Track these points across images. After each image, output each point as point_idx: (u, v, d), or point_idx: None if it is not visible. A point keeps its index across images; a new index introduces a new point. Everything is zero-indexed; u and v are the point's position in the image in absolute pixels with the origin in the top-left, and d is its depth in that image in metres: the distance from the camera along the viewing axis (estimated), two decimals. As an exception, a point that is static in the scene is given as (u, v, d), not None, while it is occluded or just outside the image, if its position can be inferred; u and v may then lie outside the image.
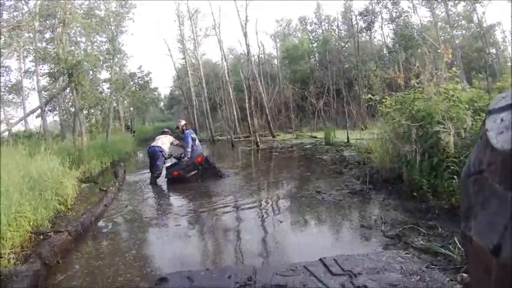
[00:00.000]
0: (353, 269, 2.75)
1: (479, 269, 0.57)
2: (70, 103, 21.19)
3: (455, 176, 6.19)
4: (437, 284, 2.39)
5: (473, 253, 0.55)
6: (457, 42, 29.59)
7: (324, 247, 5.41)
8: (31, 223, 6.14)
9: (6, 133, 18.97)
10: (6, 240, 5.23)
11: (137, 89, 34.40)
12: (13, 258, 4.99)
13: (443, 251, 4.43)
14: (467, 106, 6.92)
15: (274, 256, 5.31)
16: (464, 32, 35.29)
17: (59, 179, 8.54)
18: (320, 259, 2.86)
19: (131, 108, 39.22)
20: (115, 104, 26.80)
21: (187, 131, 11.84)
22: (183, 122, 12.42)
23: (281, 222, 6.70)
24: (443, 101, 7.15)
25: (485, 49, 30.07)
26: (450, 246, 4.52)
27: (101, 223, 7.37)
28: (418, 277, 2.60)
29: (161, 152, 11.43)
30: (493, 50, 32.75)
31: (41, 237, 5.97)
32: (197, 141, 12.01)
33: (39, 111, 20.61)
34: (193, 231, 6.78)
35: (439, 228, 5.44)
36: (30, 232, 5.95)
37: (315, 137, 20.12)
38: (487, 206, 0.52)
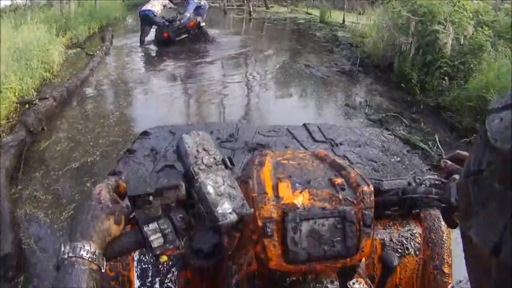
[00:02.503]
0: (335, 138, 2.70)
1: (478, 269, 0.60)
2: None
3: (446, 78, 6.21)
4: (415, 169, 2.37)
5: (473, 253, 0.58)
6: None
7: (307, 118, 5.50)
8: (17, 93, 6.23)
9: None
10: (-9, 114, 5.31)
11: None
12: (-1, 131, 5.14)
13: (423, 146, 4.58)
14: (471, 15, 6.80)
15: (257, 119, 5.47)
16: None
17: (46, 47, 8.43)
18: (304, 124, 2.78)
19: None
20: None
21: None
22: None
23: (266, 89, 6.78)
24: (448, 4, 7.00)
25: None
26: (430, 143, 4.66)
27: (86, 88, 7.49)
28: (399, 159, 2.55)
29: (153, 14, 11.00)
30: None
31: (27, 106, 6.11)
32: (205, 7, 11.69)
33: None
34: (178, 94, 6.94)
35: (422, 123, 5.61)
36: (16, 102, 6.08)
37: (310, 14, 19.40)
38: (487, 206, 0.54)
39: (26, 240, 3.70)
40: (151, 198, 0.92)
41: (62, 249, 0.80)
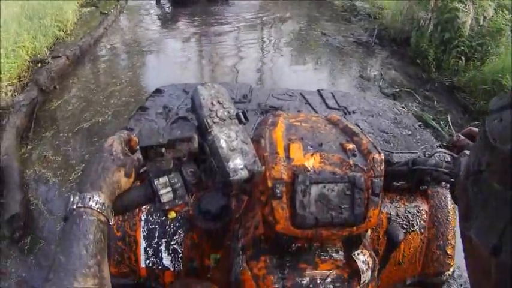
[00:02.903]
0: (348, 106, 2.70)
1: (478, 270, 0.59)
2: None
3: (462, 58, 6.07)
4: (426, 144, 2.33)
5: (473, 253, 0.57)
6: None
7: (320, 84, 5.64)
8: (29, 52, 6.21)
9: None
10: (3, 73, 5.33)
11: None
12: (11, 90, 5.16)
13: (434, 125, 4.51)
14: None
15: (270, 83, 5.46)
16: None
17: (59, 5, 8.36)
18: (318, 90, 2.78)
19: None
20: None
21: None
22: None
23: (282, 55, 6.72)
24: None
25: None
26: (441, 123, 4.59)
27: (99, 47, 7.45)
28: (410, 132, 2.55)
29: None
30: None
31: (39, 64, 6.10)
32: None
33: None
34: (193, 56, 6.91)
35: (435, 102, 5.52)
36: (28, 61, 6.06)
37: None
38: (487, 206, 0.53)
39: (34, 201, 3.74)
40: (163, 150, 0.91)
41: (71, 199, 0.81)
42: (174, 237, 1.52)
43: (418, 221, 1.63)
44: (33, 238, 3.41)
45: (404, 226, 1.61)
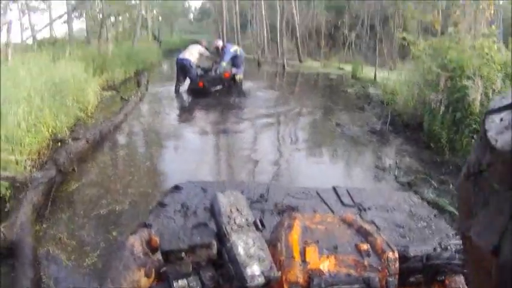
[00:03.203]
0: (363, 202, 2.75)
1: (478, 270, 0.56)
2: (97, 10, 20.88)
3: (474, 136, 6.06)
4: (442, 234, 2.36)
5: (473, 253, 0.54)
6: (500, 2, 28.08)
7: (337, 178, 5.54)
8: (50, 130, 6.24)
9: (31, 39, 18.95)
10: (24, 147, 5.32)
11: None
12: (29, 165, 5.11)
13: (451, 209, 4.43)
14: (499, 68, 6.68)
15: (287, 178, 5.42)
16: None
17: (82, 85, 8.59)
18: (333, 187, 2.84)
19: (159, 18, 38.61)
20: (143, 13, 26.35)
21: (226, 48, 11.61)
22: (220, 42, 12.22)
23: (298, 148, 6.76)
24: (477, 57, 6.92)
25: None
26: None
27: (119, 133, 7.47)
28: (425, 224, 2.58)
29: (190, 64, 11.12)
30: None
31: (59, 144, 6.09)
32: (241, 57, 11.86)
33: (65, 17, 20.44)
34: (209, 148, 6.91)
35: (450, 185, 5.42)
36: (49, 139, 6.08)
37: (342, 69, 19.77)
38: (487, 206, 0.50)
39: (46, 280, 3.54)
40: (183, 254, 0.95)
41: None
42: None
43: None
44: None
45: None
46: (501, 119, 0.49)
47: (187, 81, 11.39)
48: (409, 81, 9.11)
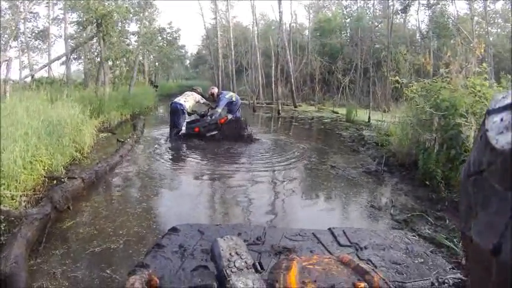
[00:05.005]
0: (360, 242, 2.77)
1: (478, 269, 0.56)
2: (96, 53, 21.18)
3: None
4: (439, 270, 2.34)
5: (473, 253, 0.55)
6: (491, 39, 28.81)
7: (333, 219, 5.53)
8: (46, 168, 6.25)
9: (29, 78, 19.15)
10: (19, 183, 5.31)
11: (165, 44, 34.41)
12: (24, 201, 5.10)
13: (448, 243, 4.42)
14: None
15: (283, 221, 5.40)
16: (499, 30, 34.21)
17: (78, 126, 8.66)
18: (329, 228, 2.89)
19: (156, 63, 39.15)
20: (141, 58, 26.76)
21: (221, 94, 11.88)
22: (215, 90, 12.43)
23: (293, 191, 6.74)
24: (469, 95, 7.05)
25: (517, 51, 29.18)
26: (455, 240, 4.51)
27: (114, 173, 7.44)
28: (422, 260, 2.59)
29: (182, 109, 11.33)
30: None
31: (54, 182, 6.08)
32: (237, 103, 12.14)
33: (64, 58, 20.74)
34: (205, 189, 6.90)
35: (447, 220, 5.43)
36: (44, 176, 6.07)
37: (337, 113, 20.03)
38: (487, 206, 0.51)
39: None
40: None
41: None
42: None
43: None
44: None
45: None
46: (501, 119, 0.51)
47: (184, 126, 11.49)
48: (403, 122, 9.23)
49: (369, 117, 15.95)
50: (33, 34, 28.99)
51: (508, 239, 0.47)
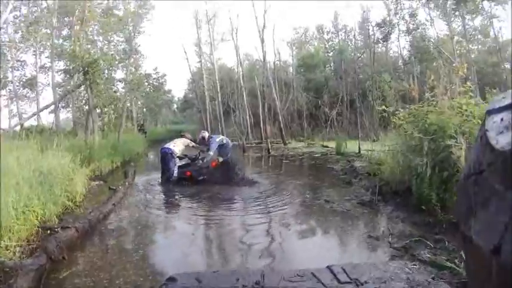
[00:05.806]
0: (360, 277, 2.75)
1: (478, 269, 0.57)
2: (84, 101, 21.33)
3: None
4: None
5: (473, 253, 0.55)
6: (472, 56, 29.48)
7: (332, 255, 5.43)
8: (39, 218, 6.16)
9: (18, 127, 19.16)
10: (13, 233, 5.25)
11: (151, 90, 34.74)
12: (19, 252, 5.01)
13: (449, 265, 4.39)
14: (479, 121, 6.85)
15: (281, 261, 5.32)
16: (480, 46, 35.07)
17: (69, 175, 8.59)
18: (327, 266, 2.88)
19: (144, 109, 39.42)
20: (128, 104, 26.90)
21: (212, 138, 11.94)
22: (206, 133, 12.50)
23: (289, 229, 6.69)
24: (457, 115, 7.12)
25: (500, 64, 29.86)
26: (456, 260, 4.48)
27: (108, 222, 7.34)
28: None
29: (171, 153, 11.36)
30: (508, 65, 32.41)
31: (48, 232, 5.99)
32: (228, 146, 12.14)
33: (52, 107, 20.81)
34: (201, 234, 6.81)
35: (446, 242, 5.40)
36: (38, 226, 5.98)
37: (326, 147, 20.15)
38: (487, 206, 0.52)
39: None
40: None
41: None
42: None
43: None
44: None
45: None
46: (501, 119, 0.53)
47: (176, 170, 11.45)
48: (393, 149, 9.25)
49: (359, 148, 16.00)
50: (21, 82, 29.10)
51: (508, 239, 0.48)
